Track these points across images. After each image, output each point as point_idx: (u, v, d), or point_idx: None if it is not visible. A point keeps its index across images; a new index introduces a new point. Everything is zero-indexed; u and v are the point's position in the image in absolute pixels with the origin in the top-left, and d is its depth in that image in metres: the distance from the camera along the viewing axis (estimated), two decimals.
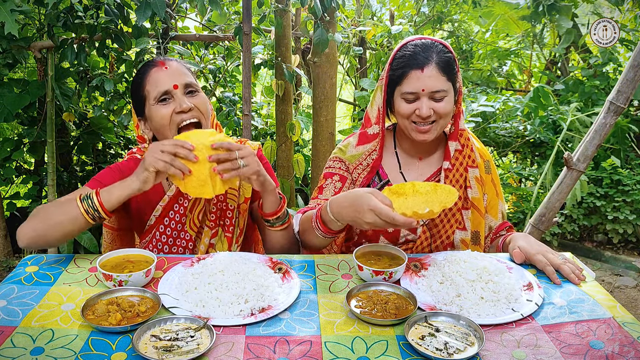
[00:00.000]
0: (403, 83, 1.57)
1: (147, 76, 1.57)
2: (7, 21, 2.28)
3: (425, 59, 1.54)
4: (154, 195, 1.66)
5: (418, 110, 1.55)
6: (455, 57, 1.61)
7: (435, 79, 1.54)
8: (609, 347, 1.10)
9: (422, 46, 1.57)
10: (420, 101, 1.56)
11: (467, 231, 1.72)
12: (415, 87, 1.54)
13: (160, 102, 1.55)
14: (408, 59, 1.56)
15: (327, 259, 1.52)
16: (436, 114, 1.56)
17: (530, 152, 4.43)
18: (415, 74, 1.54)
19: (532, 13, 4.37)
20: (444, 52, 1.57)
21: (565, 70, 4.74)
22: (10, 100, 3.27)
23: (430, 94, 1.54)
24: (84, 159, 4.18)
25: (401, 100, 1.59)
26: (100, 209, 1.42)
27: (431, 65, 1.54)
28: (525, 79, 5.29)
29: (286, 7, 3.23)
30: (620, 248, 4.11)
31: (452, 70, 1.58)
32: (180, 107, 1.53)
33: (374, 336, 1.15)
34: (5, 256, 3.64)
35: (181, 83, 1.55)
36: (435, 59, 1.54)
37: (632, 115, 4.14)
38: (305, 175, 4.40)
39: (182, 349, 1.06)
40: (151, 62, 1.60)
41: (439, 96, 1.55)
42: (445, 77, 1.55)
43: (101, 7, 2.95)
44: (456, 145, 1.69)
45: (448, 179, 1.68)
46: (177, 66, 1.59)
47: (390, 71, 1.62)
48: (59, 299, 1.27)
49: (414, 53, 1.56)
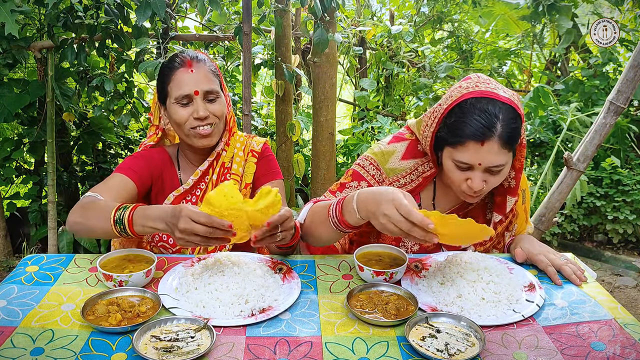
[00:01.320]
0: (457, 148, 1.36)
1: (173, 74, 1.61)
2: (7, 22, 2.28)
3: (487, 131, 1.31)
4: (170, 188, 1.72)
5: (470, 181, 1.39)
6: (522, 117, 1.38)
7: (495, 155, 1.33)
8: (610, 348, 1.10)
9: (486, 111, 1.32)
10: (473, 172, 1.38)
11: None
12: (470, 160, 1.35)
13: (179, 103, 1.61)
14: (466, 126, 1.33)
15: (327, 260, 1.52)
16: (488, 186, 1.41)
17: (530, 152, 4.43)
18: (473, 146, 1.33)
19: (532, 13, 4.36)
20: (511, 120, 1.33)
21: (565, 70, 4.74)
22: (10, 100, 3.26)
23: (486, 168, 1.37)
24: (84, 159, 4.18)
25: (452, 163, 1.41)
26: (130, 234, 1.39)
27: (493, 140, 1.31)
28: (525, 79, 5.29)
29: (286, 7, 3.23)
30: (620, 248, 4.11)
31: (516, 140, 1.37)
32: (197, 113, 1.59)
33: (374, 337, 1.15)
34: (5, 256, 3.63)
35: (203, 90, 1.60)
36: (499, 131, 1.31)
37: (632, 115, 4.14)
38: (305, 175, 4.40)
39: (183, 350, 1.06)
40: (180, 59, 1.63)
41: (495, 170, 1.37)
42: (506, 150, 1.35)
43: (101, 7, 2.95)
44: (512, 201, 1.54)
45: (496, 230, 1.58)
46: (203, 71, 1.62)
47: (443, 127, 1.41)
48: (59, 299, 1.27)
49: (475, 120, 1.32)
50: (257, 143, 1.81)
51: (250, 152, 1.79)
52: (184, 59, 1.62)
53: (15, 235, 3.77)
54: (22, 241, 3.75)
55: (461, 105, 1.37)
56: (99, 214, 1.43)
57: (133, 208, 1.38)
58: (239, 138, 1.81)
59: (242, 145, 1.80)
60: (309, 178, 3.90)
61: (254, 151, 1.80)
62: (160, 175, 1.73)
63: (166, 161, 1.76)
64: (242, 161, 1.78)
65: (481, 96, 1.35)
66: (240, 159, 1.77)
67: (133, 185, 1.62)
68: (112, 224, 1.38)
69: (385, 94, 4.86)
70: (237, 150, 1.78)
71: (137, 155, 1.72)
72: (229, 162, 1.76)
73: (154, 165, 1.72)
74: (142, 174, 1.66)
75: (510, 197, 1.54)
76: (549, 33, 4.89)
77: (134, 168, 1.65)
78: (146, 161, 1.70)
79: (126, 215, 1.37)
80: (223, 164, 1.75)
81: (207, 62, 1.66)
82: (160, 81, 1.66)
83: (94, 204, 1.47)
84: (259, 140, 1.83)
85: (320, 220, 1.45)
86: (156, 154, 1.75)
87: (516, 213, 1.63)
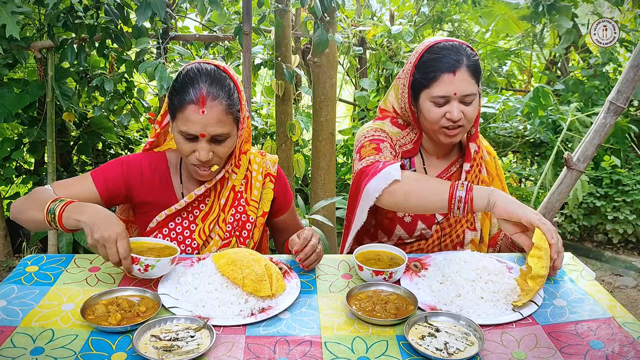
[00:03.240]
0: (433, 86, 1.53)
1: (183, 105, 1.43)
2: (8, 24, 2.28)
3: (457, 62, 1.50)
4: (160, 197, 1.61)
5: (449, 113, 1.52)
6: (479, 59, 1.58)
7: (466, 83, 1.51)
8: (609, 347, 1.10)
9: (452, 49, 1.53)
10: (450, 105, 1.53)
11: (477, 232, 1.73)
12: (447, 90, 1.51)
13: (183, 137, 1.47)
14: (439, 62, 1.52)
15: (327, 259, 1.52)
16: (465, 117, 1.54)
17: (530, 152, 4.43)
18: (447, 77, 1.51)
19: (532, 13, 4.36)
20: (472, 55, 1.54)
21: (565, 70, 4.74)
22: (11, 100, 3.27)
23: (460, 98, 1.52)
24: (84, 159, 4.18)
25: (430, 103, 1.55)
26: (59, 226, 1.38)
27: (462, 69, 1.51)
28: (525, 79, 5.29)
29: (286, 7, 3.23)
30: (620, 248, 4.11)
31: (480, 73, 1.56)
32: (198, 155, 1.46)
33: (374, 336, 1.15)
34: (5, 256, 3.64)
35: (210, 134, 1.44)
36: (465, 62, 1.51)
37: (632, 115, 4.14)
38: (305, 175, 4.40)
39: (182, 349, 1.06)
40: (194, 91, 1.43)
41: (468, 100, 1.53)
42: (474, 81, 1.53)
43: (101, 7, 2.95)
44: (475, 146, 1.69)
45: (466, 180, 1.68)
46: (216, 112, 1.43)
47: (417, 73, 1.57)
48: (59, 299, 1.27)
49: (444, 56, 1.52)
50: (272, 163, 1.72)
51: (267, 176, 1.70)
52: (199, 96, 1.42)
53: (15, 235, 3.77)
54: (22, 241, 3.75)
55: (429, 49, 1.56)
56: (36, 203, 1.43)
57: (71, 202, 1.39)
58: (254, 158, 1.69)
59: (259, 167, 1.69)
60: (309, 178, 3.90)
61: (271, 175, 1.70)
62: (142, 184, 1.60)
63: (161, 171, 1.62)
64: (261, 185, 1.68)
65: (444, 41, 1.57)
66: (259, 184, 1.68)
67: (96, 193, 1.53)
68: (45, 212, 1.38)
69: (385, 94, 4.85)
70: (255, 173, 1.68)
71: (120, 162, 1.60)
72: (240, 185, 1.65)
73: (135, 174, 1.59)
74: (112, 185, 1.56)
75: (471, 144, 1.68)
76: (548, 33, 4.89)
77: (106, 175, 1.56)
78: (126, 169, 1.58)
79: (60, 206, 1.37)
80: (233, 188, 1.63)
81: (224, 97, 1.45)
82: (171, 97, 1.48)
83: (35, 194, 1.49)
84: (273, 160, 1.73)
85: (425, 187, 1.45)
86: (148, 162, 1.62)
87: (491, 176, 1.77)
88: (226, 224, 1.63)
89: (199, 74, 1.46)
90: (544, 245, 1.28)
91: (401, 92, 1.66)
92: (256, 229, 1.68)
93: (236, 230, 1.64)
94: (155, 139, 1.67)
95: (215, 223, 1.62)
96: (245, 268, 1.27)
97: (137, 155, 1.65)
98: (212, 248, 1.62)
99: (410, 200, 1.44)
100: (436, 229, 1.69)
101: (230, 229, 1.63)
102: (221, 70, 1.50)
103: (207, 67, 1.49)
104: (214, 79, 1.46)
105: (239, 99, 1.51)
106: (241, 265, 1.28)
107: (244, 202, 1.65)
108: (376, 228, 1.75)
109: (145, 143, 1.71)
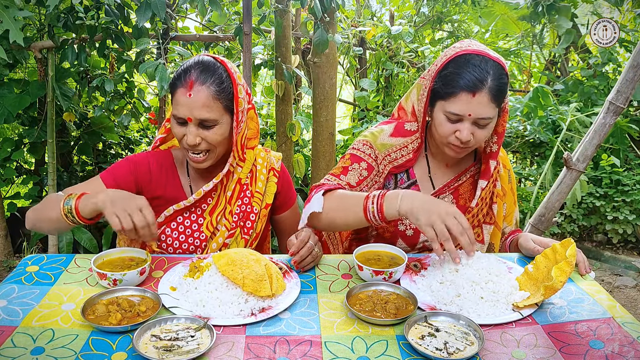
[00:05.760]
0: (449, 101, 1.46)
1: (175, 89, 1.51)
2: (11, 29, 2.28)
3: (479, 83, 1.41)
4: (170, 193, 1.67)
5: (458, 132, 1.47)
6: (508, 77, 1.49)
7: (484, 106, 1.43)
8: (608, 347, 1.11)
9: (479, 65, 1.43)
10: (462, 124, 1.46)
11: (484, 245, 1.71)
12: (462, 110, 1.44)
13: (176, 121, 1.53)
14: (460, 78, 1.43)
15: (327, 259, 1.52)
16: (475, 138, 1.48)
17: (530, 152, 4.43)
18: (465, 97, 1.43)
19: (531, 13, 4.36)
20: (500, 76, 1.44)
21: (564, 71, 4.74)
22: (11, 100, 3.27)
23: (475, 120, 1.45)
24: (84, 159, 4.18)
25: (443, 117, 1.49)
26: (76, 217, 1.42)
27: (483, 92, 1.42)
28: (525, 79, 5.29)
29: (286, 8, 3.23)
30: (619, 248, 4.11)
31: (504, 96, 1.47)
32: (187, 138, 1.51)
33: (373, 336, 1.15)
34: (5, 256, 3.64)
35: (196, 118, 1.48)
36: (489, 84, 1.42)
37: (631, 116, 4.14)
38: (305, 175, 4.40)
39: (183, 349, 1.06)
40: (185, 76, 1.49)
41: (482, 123, 1.46)
42: (494, 104, 1.45)
43: (102, 8, 2.95)
44: (494, 163, 1.63)
45: (480, 197, 1.64)
46: (203, 96, 1.47)
47: (438, 82, 1.50)
48: (59, 299, 1.27)
49: (468, 73, 1.42)
50: (276, 159, 1.77)
51: (271, 170, 1.74)
52: (187, 79, 1.48)
53: (15, 235, 3.77)
54: (22, 241, 3.75)
55: (456, 60, 1.47)
56: (53, 203, 1.47)
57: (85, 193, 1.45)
58: (259, 153, 1.74)
59: (264, 161, 1.73)
60: (309, 178, 3.90)
61: (275, 170, 1.74)
62: (151, 181, 1.66)
63: (168, 167, 1.69)
64: (265, 178, 1.72)
65: (474, 53, 1.46)
66: (264, 177, 1.71)
67: None
68: (62, 206, 1.42)
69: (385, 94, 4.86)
70: (259, 167, 1.71)
71: (127, 161, 1.66)
72: (246, 179, 1.69)
73: (143, 171, 1.65)
74: (123, 183, 1.61)
75: (492, 161, 1.62)
76: (548, 33, 4.89)
77: (116, 174, 1.61)
78: (135, 167, 1.64)
79: (75, 197, 1.43)
80: (239, 181, 1.67)
81: (212, 84, 1.49)
82: (170, 85, 1.57)
83: (50, 197, 1.53)
84: (277, 156, 1.78)
85: (345, 207, 1.49)
86: (155, 159, 1.68)
87: (504, 190, 1.71)
88: (232, 215, 1.67)
89: (194, 63, 1.53)
90: (573, 263, 1.24)
91: (422, 93, 1.59)
92: (259, 221, 1.71)
93: (241, 220, 1.68)
94: (166, 134, 1.74)
95: (222, 215, 1.66)
96: (245, 268, 1.28)
97: (143, 153, 1.71)
98: (218, 239, 1.65)
99: (337, 223, 1.53)
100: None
101: (237, 219, 1.67)
102: (217, 61, 1.55)
103: (204, 58, 1.55)
104: (206, 66, 1.52)
105: (232, 89, 1.53)
106: (241, 265, 1.28)
107: (250, 194, 1.69)
108: (376, 239, 1.72)
109: (155, 139, 1.76)
